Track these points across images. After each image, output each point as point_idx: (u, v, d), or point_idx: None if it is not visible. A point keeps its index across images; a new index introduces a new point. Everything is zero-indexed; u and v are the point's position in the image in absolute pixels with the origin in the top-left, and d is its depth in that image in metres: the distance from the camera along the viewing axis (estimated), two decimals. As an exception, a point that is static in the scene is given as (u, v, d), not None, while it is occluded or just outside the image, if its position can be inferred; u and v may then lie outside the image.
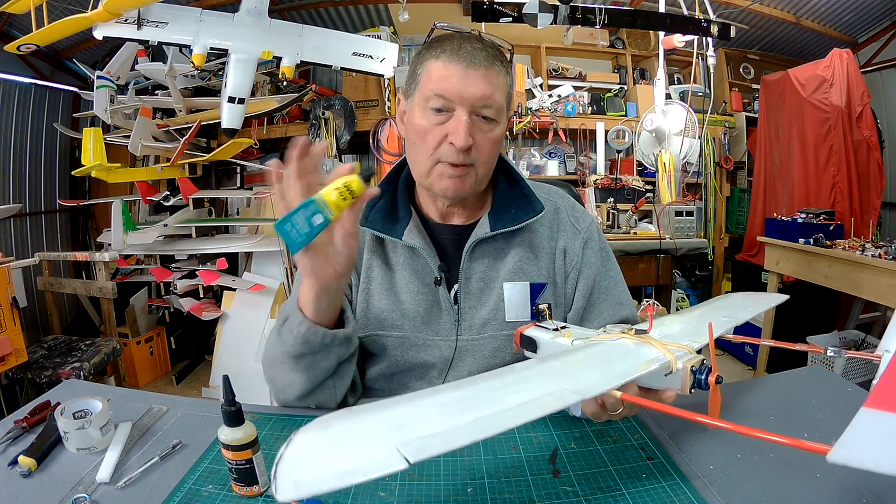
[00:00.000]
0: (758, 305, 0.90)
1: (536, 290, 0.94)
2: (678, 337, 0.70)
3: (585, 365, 0.63)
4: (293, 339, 0.78)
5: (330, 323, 0.79)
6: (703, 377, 0.61)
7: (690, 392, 0.62)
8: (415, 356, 0.95)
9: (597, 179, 3.59)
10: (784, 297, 1.00)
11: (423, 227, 0.96)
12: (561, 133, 3.82)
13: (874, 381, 0.58)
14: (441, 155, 0.86)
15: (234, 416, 0.64)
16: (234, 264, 3.22)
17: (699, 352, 0.66)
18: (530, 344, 0.78)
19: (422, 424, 0.50)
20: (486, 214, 0.95)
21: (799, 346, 0.75)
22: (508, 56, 0.86)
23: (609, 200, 3.46)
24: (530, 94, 3.88)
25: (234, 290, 2.98)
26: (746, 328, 0.81)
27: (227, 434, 0.64)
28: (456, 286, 0.94)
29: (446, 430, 0.49)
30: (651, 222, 3.41)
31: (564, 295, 0.98)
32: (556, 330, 0.77)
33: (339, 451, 0.48)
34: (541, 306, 0.80)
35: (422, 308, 0.94)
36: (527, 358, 0.80)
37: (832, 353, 0.72)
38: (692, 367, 0.61)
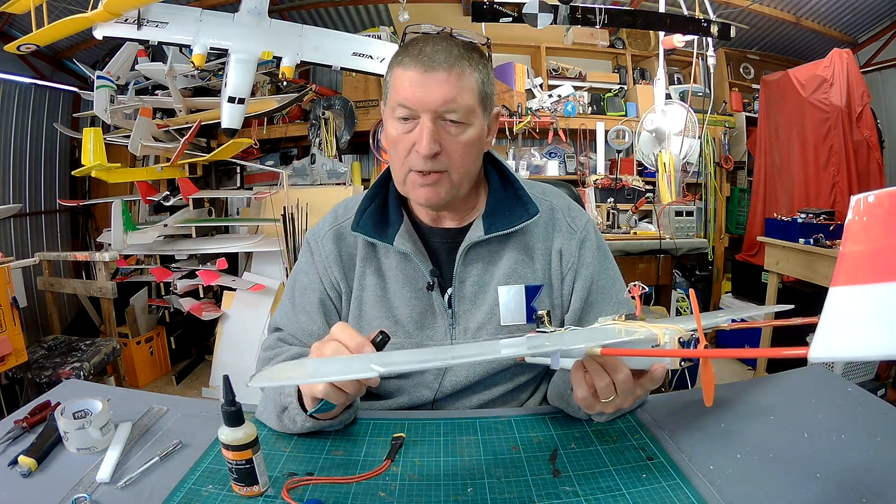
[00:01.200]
0: (759, 309, 0.90)
1: (532, 293, 0.93)
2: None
3: (569, 337, 0.65)
4: (298, 427, 0.77)
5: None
6: (691, 347, 0.60)
7: (681, 365, 0.62)
8: None
9: (597, 179, 3.59)
10: (788, 308, 0.98)
11: (416, 231, 0.94)
12: (561, 133, 3.82)
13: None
14: (411, 163, 0.84)
15: (234, 416, 0.64)
16: (234, 264, 3.22)
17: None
18: None
19: (398, 357, 0.59)
20: (480, 217, 0.93)
21: (797, 321, 0.74)
22: (486, 51, 0.85)
23: (609, 200, 3.46)
24: (530, 94, 3.88)
25: (234, 290, 2.98)
26: (745, 328, 0.81)
27: (227, 434, 0.64)
28: (450, 290, 0.93)
29: (416, 359, 0.58)
30: (651, 222, 3.40)
31: (561, 297, 0.96)
32: (554, 331, 0.77)
33: (316, 364, 0.58)
34: (540, 312, 0.80)
35: (415, 314, 0.93)
36: (527, 364, 0.81)
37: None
38: (680, 338, 0.60)
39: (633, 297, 0.75)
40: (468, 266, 0.93)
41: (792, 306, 1.01)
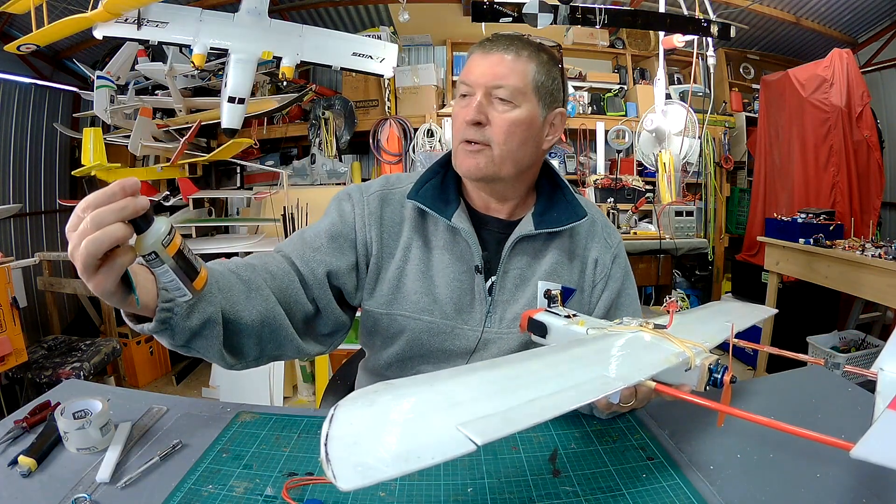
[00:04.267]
0: (751, 317, 0.90)
1: (567, 294, 0.95)
2: (691, 336, 0.70)
3: (614, 354, 0.63)
4: (165, 341, 0.69)
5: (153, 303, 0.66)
6: (719, 376, 0.63)
7: (705, 389, 0.63)
8: (440, 343, 0.95)
9: (597, 179, 3.59)
10: (774, 311, 1.01)
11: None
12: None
13: (877, 397, 0.60)
14: (461, 134, 0.90)
15: (147, 216, 0.56)
16: (234, 264, 3.21)
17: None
18: (539, 328, 0.78)
19: (477, 403, 0.46)
20: (530, 213, 0.97)
21: (800, 357, 0.75)
22: (558, 55, 0.92)
23: (609, 200, 3.46)
24: (530, 94, 3.87)
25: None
26: (746, 330, 0.81)
27: (153, 233, 0.56)
28: (493, 278, 0.95)
29: (505, 409, 0.45)
30: (651, 222, 3.41)
31: (589, 303, 1.01)
32: (568, 317, 0.77)
33: (395, 430, 0.43)
34: (553, 291, 0.80)
35: (455, 295, 0.94)
36: (534, 343, 0.81)
37: (830, 367, 0.73)
38: (710, 364, 0.63)
39: (669, 312, 0.75)
40: (514, 258, 0.96)
41: (776, 311, 1.05)
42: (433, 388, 0.48)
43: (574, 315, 0.77)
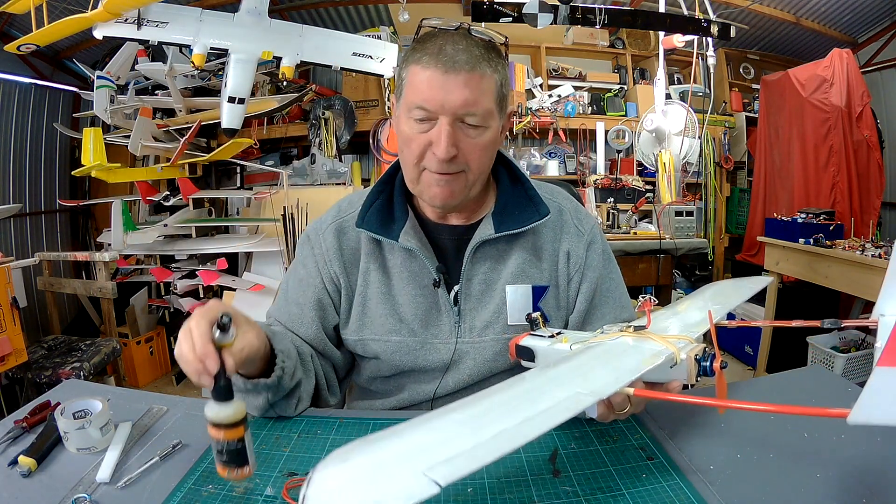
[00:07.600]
0: (745, 290, 0.89)
1: (539, 293, 0.93)
2: (676, 330, 0.70)
3: (592, 366, 0.62)
4: (262, 399, 0.80)
5: (256, 372, 0.78)
6: (707, 364, 0.62)
7: (697, 380, 0.63)
8: (413, 360, 0.93)
9: (597, 179, 3.59)
10: (767, 280, 1.00)
11: (421, 228, 0.94)
12: (561, 133, 3.82)
13: (877, 344, 0.58)
14: (426, 164, 0.84)
15: (225, 390, 0.59)
16: (234, 264, 3.22)
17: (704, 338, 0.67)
18: (527, 353, 0.77)
19: (444, 446, 0.48)
20: (490, 215, 0.93)
21: (795, 323, 0.75)
22: (503, 50, 0.88)
23: (609, 200, 3.46)
24: (530, 94, 3.88)
25: (234, 290, 2.98)
26: (744, 325, 0.81)
27: (218, 411, 0.58)
28: (456, 288, 0.93)
29: (471, 447, 0.47)
30: (651, 222, 3.41)
31: (567, 298, 0.97)
32: (552, 336, 0.76)
33: (365, 484, 0.45)
34: (533, 315, 0.79)
35: (420, 311, 0.92)
36: (525, 368, 0.80)
37: (829, 325, 0.73)
38: (696, 355, 0.62)
39: (645, 312, 0.75)
40: (476, 264, 0.93)
41: (770, 279, 1.02)
42: (404, 439, 0.49)
43: (558, 333, 0.77)
